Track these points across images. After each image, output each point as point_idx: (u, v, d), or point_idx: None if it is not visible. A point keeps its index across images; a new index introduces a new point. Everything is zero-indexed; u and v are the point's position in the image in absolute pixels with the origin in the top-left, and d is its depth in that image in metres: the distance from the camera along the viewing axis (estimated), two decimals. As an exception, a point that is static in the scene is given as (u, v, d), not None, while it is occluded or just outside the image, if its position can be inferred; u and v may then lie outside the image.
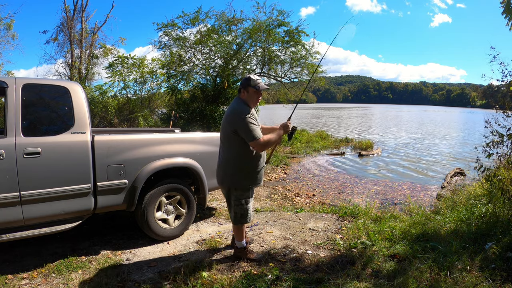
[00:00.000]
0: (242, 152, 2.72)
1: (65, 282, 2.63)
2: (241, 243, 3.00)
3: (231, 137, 2.70)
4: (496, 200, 3.65)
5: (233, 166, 2.75)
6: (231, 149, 2.74)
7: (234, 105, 2.76)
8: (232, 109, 2.73)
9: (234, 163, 2.75)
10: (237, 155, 2.73)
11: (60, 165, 2.83)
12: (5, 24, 13.56)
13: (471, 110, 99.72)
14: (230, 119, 2.69)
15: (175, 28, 10.98)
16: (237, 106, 2.72)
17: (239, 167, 2.75)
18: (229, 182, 2.79)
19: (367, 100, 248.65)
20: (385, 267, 2.78)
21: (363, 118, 40.74)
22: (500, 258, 2.76)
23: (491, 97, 3.76)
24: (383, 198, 6.06)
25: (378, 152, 11.77)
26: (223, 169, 2.81)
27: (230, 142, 2.73)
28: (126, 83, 12.06)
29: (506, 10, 3.30)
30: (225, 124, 2.74)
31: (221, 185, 2.89)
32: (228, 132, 2.70)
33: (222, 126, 2.79)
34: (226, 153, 2.78)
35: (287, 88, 12.56)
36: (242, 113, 2.64)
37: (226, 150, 2.77)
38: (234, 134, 2.67)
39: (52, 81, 3.44)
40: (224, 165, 2.79)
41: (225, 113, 2.80)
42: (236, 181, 2.77)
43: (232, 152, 2.74)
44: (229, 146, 2.75)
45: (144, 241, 3.46)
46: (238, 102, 2.76)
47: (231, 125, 2.67)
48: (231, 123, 2.67)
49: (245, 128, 2.60)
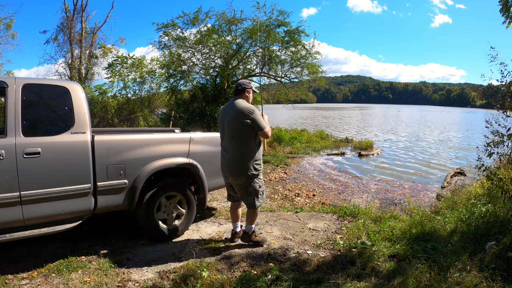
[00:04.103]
0: (254, 143, 3.14)
1: (65, 282, 2.62)
2: (251, 227, 3.34)
3: (244, 130, 3.07)
4: (496, 200, 3.65)
5: (249, 157, 3.12)
6: (245, 142, 3.11)
7: (242, 103, 3.13)
8: (243, 106, 3.10)
9: (250, 154, 3.12)
10: (251, 146, 3.13)
11: (60, 165, 2.83)
12: (5, 24, 13.57)
13: (471, 110, 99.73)
14: (244, 114, 3.05)
15: (175, 28, 10.97)
16: (246, 104, 3.15)
17: (254, 156, 3.15)
18: (248, 171, 3.11)
19: (367, 100, 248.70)
20: (385, 267, 2.78)
21: (363, 118, 40.75)
22: (500, 258, 2.76)
23: (491, 97, 3.76)
24: (383, 198, 6.06)
25: (378, 152, 11.77)
26: (239, 161, 3.11)
27: (243, 135, 3.09)
28: (125, 83, 12.06)
29: (504, 8, 3.31)
30: (238, 120, 3.06)
31: (238, 176, 3.14)
32: (242, 126, 3.06)
33: (232, 123, 3.10)
34: (241, 146, 3.11)
35: (287, 88, 12.56)
36: (253, 108, 3.11)
37: (241, 143, 3.11)
38: (247, 127, 3.06)
39: (52, 81, 3.44)
40: (240, 157, 3.11)
41: (231, 112, 3.12)
42: (254, 168, 3.14)
43: (247, 145, 3.11)
44: (244, 140, 3.10)
45: (144, 241, 3.46)
46: (243, 101, 3.18)
47: (246, 119, 3.05)
48: (246, 117, 3.05)
49: (257, 120, 3.08)
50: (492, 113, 3.72)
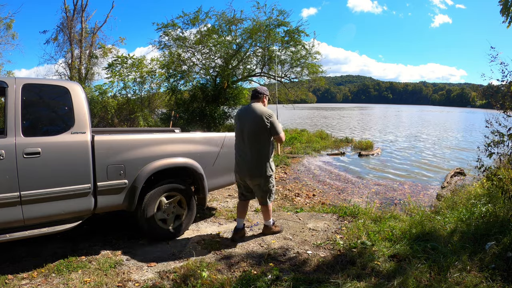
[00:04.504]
0: (269, 145, 3.37)
1: (65, 282, 2.62)
2: (269, 221, 3.62)
3: (263, 133, 3.29)
4: (496, 200, 3.65)
5: (266, 158, 3.34)
6: (263, 145, 3.32)
7: (261, 108, 3.36)
8: (262, 110, 3.32)
9: (267, 156, 3.34)
10: (268, 149, 3.35)
11: (60, 165, 2.83)
12: (5, 24, 13.57)
13: (471, 110, 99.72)
14: (263, 118, 3.26)
15: (175, 28, 11.00)
16: (265, 109, 3.38)
17: (269, 157, 3.37)
18: (266, 172, 3.34)
19: (367, 100, 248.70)
20: (385, 267, 2.78)
21: (363, 118, 40.75)
22: (500, 258, 2.76)
23: (491, 97, 3.76)
24: (383, 198, 6.06)
25: (378, 152, 11.77)
26: (258, 163, 3.32)
27: (261, 138, 3.30)
28: (125, 83, 12.06)
29: (504, 9, 3.31)
30: (258, 123, 3.27)
31: (257, 178, 3.34)
32: (261, 130, 3.27)
33: (252, 126, 3.29)
34: (260, 149, 3.31)
35: (287, 88, 12.56)
36: (272, 113, 3.33)
37: (260, 146, 3.31)
38: (266, 130, 3.27)
39: (52, 81, 3.45)
40: (258, 158, 3.32)
41: (251, 116, 3.31)
42: (270, 169, 3.38)
43: (264, 147, 3.33)
44: (262, 142, 3.31)
45: (144, 241, 3.46)
46: (261, 105, 3.42)
47: (265, 123, 3.26)
48: (265, 121, 3.26)
49: (275, 124, 3.32)
50: (492, 113, 3.72)
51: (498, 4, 3.37)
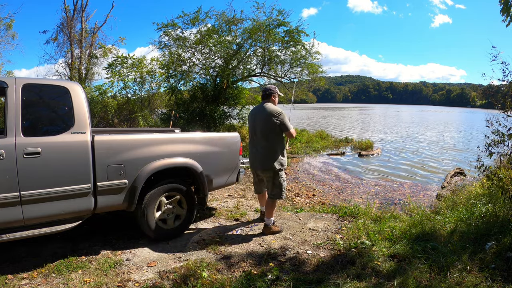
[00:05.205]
0: (281, 141, 3.61)
1: (65, 282, 2.62)
2: (270, 220, 3.71)
3: (274, 130, 3.51)
4: (496, 199, 3.65)
5: (279, 153, 3.56)
6: (275, 140, 3.54)
7: (271, 106, 3.58)
8: (273, 109, 3.55)
9: (277, 151, 3.56)
10: (280, 144, 3.59)
11: (60, 165, 2.83)
12: (5, 24, 13.56)
13: (471, 110, 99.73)
14: (274, 115, 3.49)
15: (175, 28, 10.99)
16: (275, 107, 3.61)
17: (282, 152, 3.60)
18: (277, 165, 3.54)
19: (367, 100, 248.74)
20: (385, 267, 2.78)
21: (363, 118, 40.74)
22: (500, 258, 2.76)
23: (492, 97, 3.75)
24: (383, 198, 6.06)
25: (378, 152, 11.77)
26: (270, 157, 3.54)
27: (273, 134, 3.52)
28: (125, 83, 12.04)
29: (504, 9, 3.31)
30: (269, 121, 3.49)
31: (267, 171, 3.56)
32: (272, 126, 3.50)
33: (264, 124, 3.51)
34: (271, 144, 3.54)
35: (287, 88, 12.55)
36: (282, 111, 3.54)
37: (271, 142, 3.54)
38: (276, 127, 3.50)
39: (52, 81, 3.44)
40: (271, 153, 3.54)
41: (263, 114, 3.53)
42: (280, 164, 3.58)
43: (276, 142, 3.55)
44: (273, 138, 3.53)
45: (144, 241, 3.46)
46: (272, 104, 3.65)
47: (277, 120, 3.48)
48: (277, 118, 3.49)
49: (285, 121, 3.54)
50: (493, 113, 3.71)
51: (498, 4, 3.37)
